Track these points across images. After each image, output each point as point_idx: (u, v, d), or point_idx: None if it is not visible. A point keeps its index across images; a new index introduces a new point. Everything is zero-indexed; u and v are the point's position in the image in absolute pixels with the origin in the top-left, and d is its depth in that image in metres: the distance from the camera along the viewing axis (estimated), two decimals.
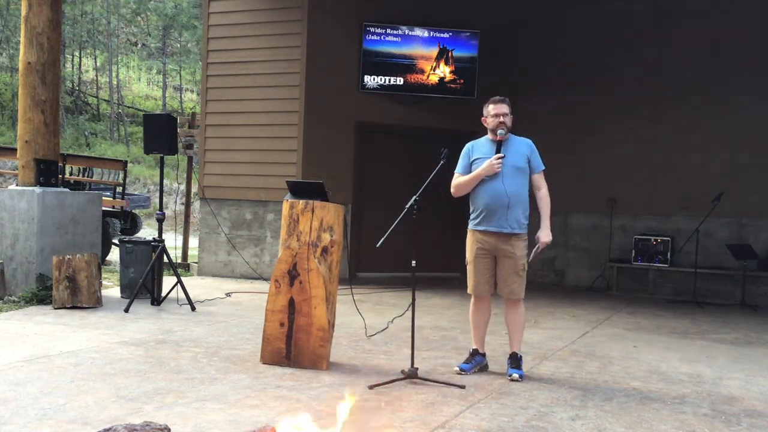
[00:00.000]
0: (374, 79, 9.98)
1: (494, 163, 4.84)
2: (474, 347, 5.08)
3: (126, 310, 6.80)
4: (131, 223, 12.74)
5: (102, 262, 9.59)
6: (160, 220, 7.47)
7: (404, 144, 10.29)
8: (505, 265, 4.92)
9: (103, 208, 9.27)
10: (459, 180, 5.01)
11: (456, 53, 10.20)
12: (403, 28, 10.02)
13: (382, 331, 6.11)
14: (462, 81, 10.26)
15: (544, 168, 5.00)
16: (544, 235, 4.92)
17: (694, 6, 9.85)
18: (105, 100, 30.63)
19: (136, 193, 19.24)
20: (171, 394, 4.14)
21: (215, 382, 4.47)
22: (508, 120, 4.93)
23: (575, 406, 4.26)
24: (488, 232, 4.91)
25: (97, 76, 31.72)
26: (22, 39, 7.69)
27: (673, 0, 9.99)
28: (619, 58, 10.24)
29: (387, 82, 10.02)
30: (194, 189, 11.77)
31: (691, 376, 5.19)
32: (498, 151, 4.89)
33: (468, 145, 5.08)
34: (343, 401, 3.36)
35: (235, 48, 10.00)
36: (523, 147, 4.96)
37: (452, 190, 5.06)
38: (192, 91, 33.40)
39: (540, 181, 4.99)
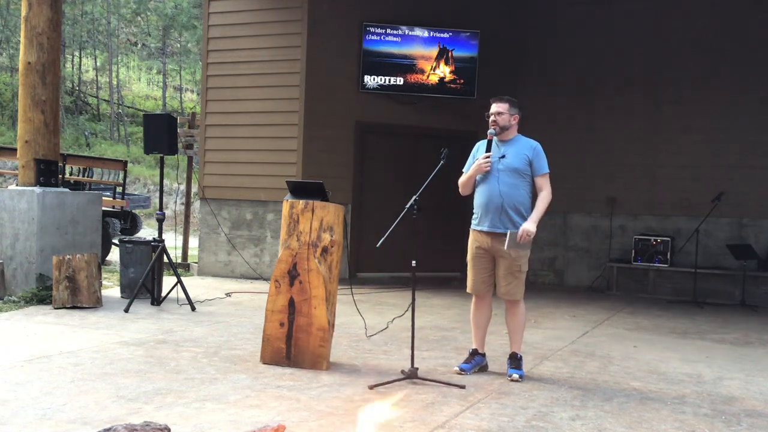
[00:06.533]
0: (374, 79, 9.97)
1: (481, 163, 4.86)
2: (474, 347, 5.08)
3: (126, 310, 6.80)
4: (131, 223, 12.75)
5: (102, 262, 9.59)
6: (160, 220, 7.47)
7: (404, 144, 10.29)
8: (502, 266, 4.92)
9: (103, 208, 9.27)
10: (460, 179, 5.04)
11: (456, 53, 10.20)
12: (403, 28, 10.02)
13: (382, 331, 6.10)
14: (462, 81, 10.26)
15: (547, 171, 4.92)
16: (528, 224, 4.78)
17: (694, 6, 9.85)
18: (105, 100, 30.62)
19: (136, 193, 19.24)
20: (171, 394, 4.14)
21: (215, 382, 4.47)
22: (501, 119, 4.90)
23: (575, 406, 4.26)
24: (484, 232, 4.92)
25: (97, 76, 31.70)
26: (22, 39, 7.69)
27: (673, 1, 9.99)
28: (619, 57, 10.24)
29: (387, 82, 10.02)
30: (194, 189, 11.77)
31: (691, 376, 5.19)
32: (488, 150, 4.89)
33: (477, 144, 5.10)
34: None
35: (235, 48, 10.00)
36: (525, 149, 4.91)
37: (459, 188, 5.08)
38: (192, 91, 33.38)
39: (542, 183, 4.92)
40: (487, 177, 4.89)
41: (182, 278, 7.33)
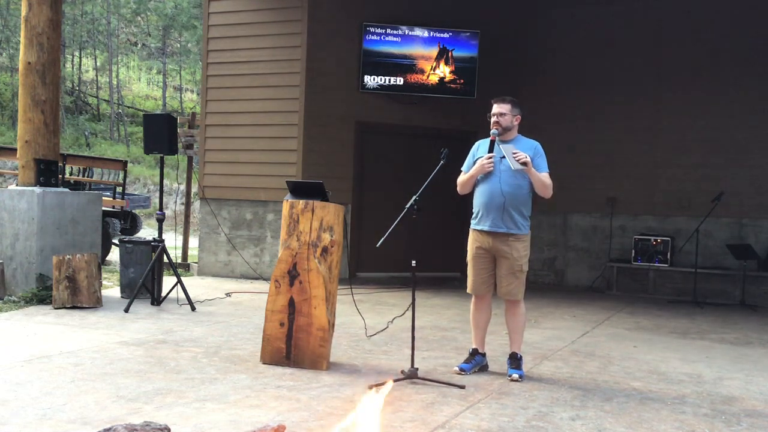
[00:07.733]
0: (374, 79, 9.97)
1: (484, 163, 4.85)
2: (474, 347, 5.08)
3: (126, 310, 6.80)
4: (131, 223, 12.75)
5: (102, 262, 9.59)
6: (160, 220, 7.47)
7: (404, 144, 10.29)
8: (503, 266, 4.92)
9: (103, 208, 9.27)
10: (460, 178, 5.04)
11: (456, 53, 10.20)
12: (403, 28, 10.02)
13: (382, 331, 6.10)
14: (462, 81, 10.26)
15: (547, 171, 4.93)
16: (527, 155, 4.77)
17: (694, 6, 9.85)
18: (105, 100, 30.61)
19: (136, 193, 19.24)
20: (171, 394, 4.14)
21: (215, 382, 4.47)
22: (504, 120, 4.90)
23: (575, 406, 4.26)
24: (485, 232, 4.92)
25: (97, 76, 31.70)
26: (22, 39, 7.69)
27: (673, 0, 10.00)
28: (619, 57, 10.24)
29: (387, 82, 10.02)
30: (194, 189, 11.77)
31: (691, 376, 5.19)
32: (491, 150, 4.89)
33: (476, 143, 5.10)
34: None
35: (235, 48, 10.00)
36: (526, 149, 4.90)
37: (457, 187, 5.08)
38: (192, 91, 33.37)
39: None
40: (488, 177, 4.88)
41: (182, 278, 7.33)
